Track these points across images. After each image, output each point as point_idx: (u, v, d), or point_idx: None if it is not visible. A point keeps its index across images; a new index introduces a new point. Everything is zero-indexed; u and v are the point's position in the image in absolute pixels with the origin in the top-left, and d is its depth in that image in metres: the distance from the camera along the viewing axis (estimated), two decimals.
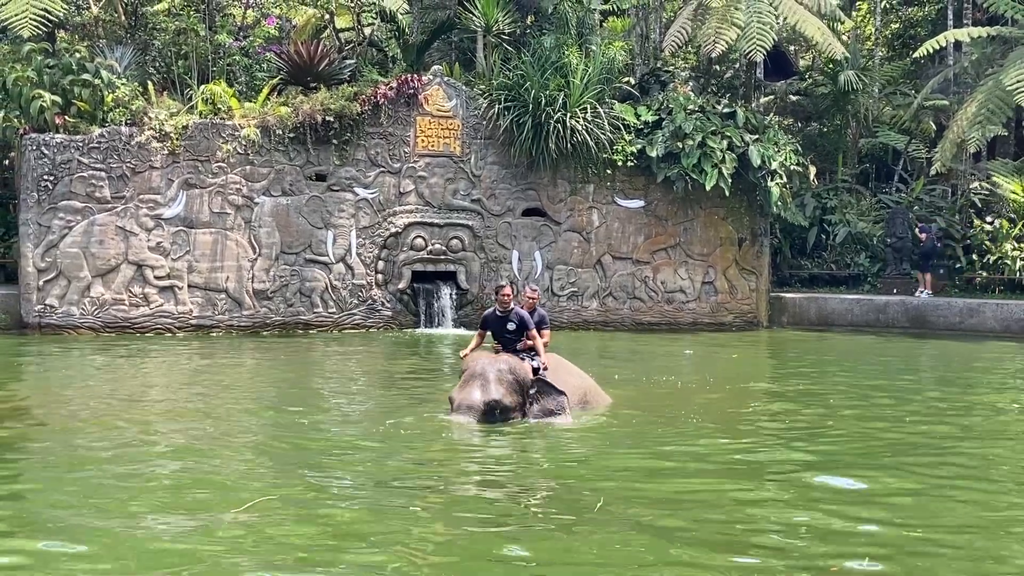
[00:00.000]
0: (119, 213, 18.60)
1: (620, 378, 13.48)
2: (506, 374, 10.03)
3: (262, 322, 19.54)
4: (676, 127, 20.93)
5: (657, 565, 5.94)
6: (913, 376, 15.22)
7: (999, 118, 21.86)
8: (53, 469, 8.21)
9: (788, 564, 5.94)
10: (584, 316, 21.52)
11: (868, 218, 25.02)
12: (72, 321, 18.35)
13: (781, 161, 21.52)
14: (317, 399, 12.22)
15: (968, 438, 10.03)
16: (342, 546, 6.20)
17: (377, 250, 20.28)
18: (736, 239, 22.29)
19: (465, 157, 20.79)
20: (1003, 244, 22.84)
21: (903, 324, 21.56)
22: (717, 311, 22.28)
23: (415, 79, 20.29)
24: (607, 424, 10.41)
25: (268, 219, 19.54)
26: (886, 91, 28.19)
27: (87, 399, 11.61)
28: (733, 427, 10.40)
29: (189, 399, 11.89)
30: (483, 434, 9.51)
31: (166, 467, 8.27)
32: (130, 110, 18.78)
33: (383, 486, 7.72)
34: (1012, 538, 6.59)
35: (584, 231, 21.59)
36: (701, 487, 7.84)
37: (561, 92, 20.49)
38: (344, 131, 19.73)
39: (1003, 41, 23.69)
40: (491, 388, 9.86)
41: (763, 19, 21.51)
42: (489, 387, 9.87)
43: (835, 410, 11.56)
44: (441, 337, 19.50)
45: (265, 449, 9.10)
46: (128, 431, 9.65)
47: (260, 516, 6.79)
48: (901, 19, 33.09)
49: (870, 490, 7.75)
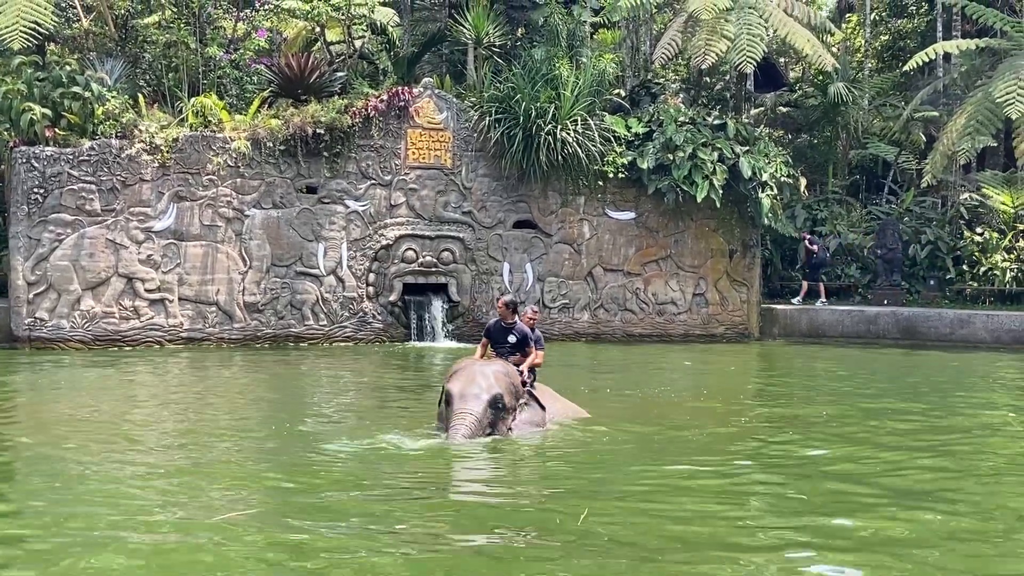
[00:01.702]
0: (109, 226, 18.56)
1: (612, 392, 13.47)
2: (503, 376, 10.07)
3: (253, 335, 19.49)
4: (667, 139, 20.98)
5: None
6: (911, 391, 15.16)
7: (988, 129, 21.96)
8: (35, 483, 8.17)
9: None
10: (575, 328, 21.52)
11: (858, 229, 25.08)
12: (62, 334, 18.30)
13: (772, 173, 21.57)
14: (306, 414, 12.17)
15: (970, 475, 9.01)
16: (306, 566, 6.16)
17: (368, 262, 20.26)
18: (727, 251, 22.32)
19: (456, 169, 20.80)
20: (993, 255, 22.91)
21: (894, 335, 21.59)
22: (708, 323, 22.29)
23: (406, 91, 20.31)
24: (589, 439, 10.38)
25: (259, 231, 19.52)
26: (876, 103, 28.29)
27: (74, 413, 11.56)
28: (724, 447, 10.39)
29: (177, 413, 11.86)
30: (470, 452, 9.47)
31: (147, 482, 8.22)
32: (120, 123, 18.75)
33: (364, 507, 7.69)
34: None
35: (575, 243, 21.60)
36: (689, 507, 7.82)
37: (552, 104, 20.51)
38: (335, 144, 19.73)
39: (992, 53, 23.79)
40: (493, 383, 9.89)
41: (753, 31, 21.58)
42: (491, 381, 9.90)
43: (831, 429, 11.55)
44: (432, 349, 19.49)
45: (249, 464, 9.07)
46: (112, 446, 9.60)
47: (230, 531, 6.78)
48: (890, 31, 33.24)
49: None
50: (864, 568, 6.11)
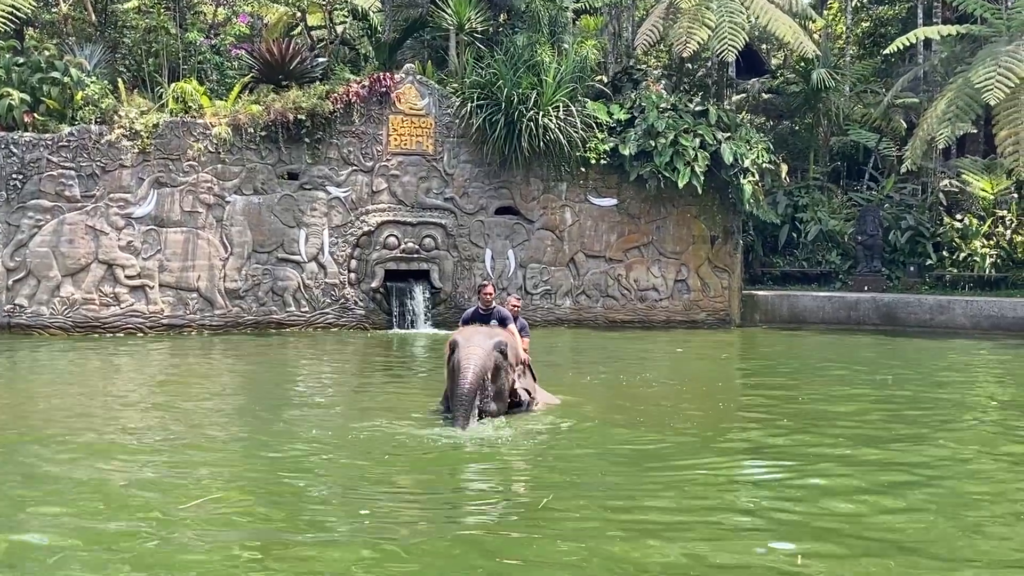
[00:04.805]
0: (89, 212, 18.46)
1: (593, 379, 13.50)
2: (507, 335, 10.25)
3: (234, 321, 19.44)
4: (648, 125, 20.99)
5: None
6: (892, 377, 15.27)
7: (968, 116, 22.07)
8: (8, 470, 8.15)
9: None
10: (557, 314, 21.56)
11: (839, 216, 25.20)
12: (42, 321, 18.21)
13: (753, 159, 21.62)
14: (287, 401, 12.17)
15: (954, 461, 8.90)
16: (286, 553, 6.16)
17: (350, 249, 20.22)
18: (708, 237, 22.38)
19: (438, 156, 20.77)
20: (972, 241, 23.07)
21: (874, 321, 21.72)
22: (690, 309, 22.35)
23: (387, 77, 20.25)
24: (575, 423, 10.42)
25: (240, 218, 19.45)
26: (857, 89, 28.41)
27: (51, 400, 11.53)
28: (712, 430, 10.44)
29: (155, 401, 11.82)
30: (458, 440, 9.47)
31: (121, 469, 8.20)
32: (100, 108, 18.64)
33: (343, 489, 7.71)
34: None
35: (557, 229, 21.62)
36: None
37: (534, 90, 20.50)
38: (316, 130, 19.67)
39: (972, 39, 23.90)
40: (497, 334, 10.07)
41: (734, 19, 21.62)
42: (495, 332, 10.11)
43: (812, 413, 11.62)
44: (414, 336, 19.49)
45: (227, 451, 9.06)
46: (88, 433, 9.56)
47: (204, 516, 6.80)
48: (872, 18, 33.35)
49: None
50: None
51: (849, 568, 5.88)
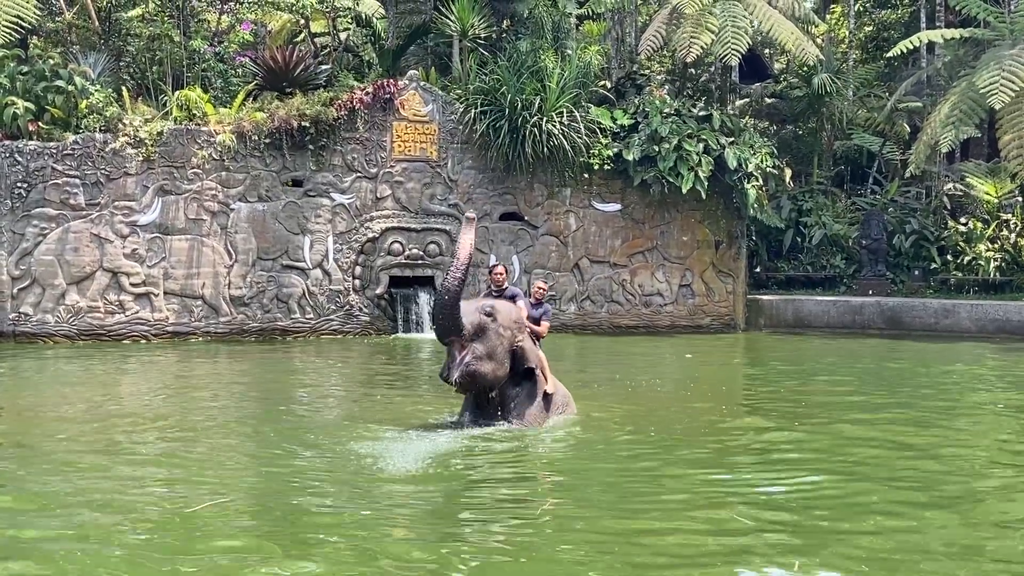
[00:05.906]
0: (94, 220, 18.48)
1: (600, 387, 13.49)
2: (491, 304, 10.43)
3: (239, 329, 19.46)
4: (652, 130, 21.00)
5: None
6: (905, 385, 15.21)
7: (972, 119, 22.02)
8: (14, 476, 8.16)
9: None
10: (562, 320, 21.52)
11: (843, 220, 25.18)
12: (47, 329, 18.23)
13: (757, 164, 21.62)
14: (292, 407, 12.17)
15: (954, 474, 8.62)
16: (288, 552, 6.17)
17: (354, 255, 20.24)
18: (713, 242, 22.37)
19: (442, 162, 20.79)
20: (977, 245, 23.04)
21: (879, 325, 21.70)
22: (694, 314, 22.35)
23: (391, 84, 20.28)
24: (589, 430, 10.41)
25: (244, 225, 19.47)
26: (860, 94, 28.37)
27: (59, 407, 11.53)
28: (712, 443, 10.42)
29: (160, 409, 11.81)
30: (462, 442, 9.47)
31: (125, 476, 8.20)
32: (104, 117, 18.68)
33: (344, 497, 7.71)
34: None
35: (561, 235, 21.62)
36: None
37: (537, 96, 20.51)
38: (320, 136, 19.70)
39: (975, 43, 23.89)
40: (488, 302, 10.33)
41: (737, 24, 21.60)
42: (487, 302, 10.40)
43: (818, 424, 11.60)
44: (419, 342, 19.47)
45: (232, 458, 9.06)
46: (94, 442, 9.56)
47: (207, 520, 6.81)
48: (874, 22, 33.34)
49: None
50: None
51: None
